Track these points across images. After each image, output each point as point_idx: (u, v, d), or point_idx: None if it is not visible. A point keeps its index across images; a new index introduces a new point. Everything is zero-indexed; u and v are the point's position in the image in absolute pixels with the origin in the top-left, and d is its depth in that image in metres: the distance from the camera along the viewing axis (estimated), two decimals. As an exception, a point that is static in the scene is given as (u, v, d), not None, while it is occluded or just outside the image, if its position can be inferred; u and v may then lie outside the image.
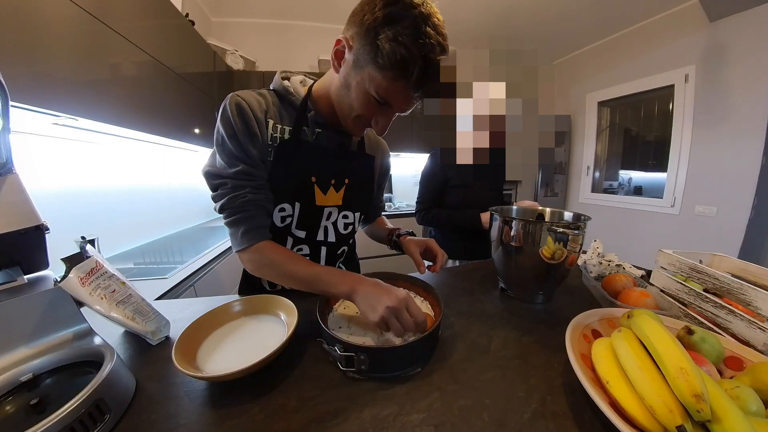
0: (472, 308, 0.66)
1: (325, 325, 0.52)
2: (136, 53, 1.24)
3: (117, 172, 1.57)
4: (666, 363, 0.38)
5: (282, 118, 0.62)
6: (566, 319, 0.59)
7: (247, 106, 0.57)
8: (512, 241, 0.64)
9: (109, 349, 0.47)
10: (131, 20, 1.21)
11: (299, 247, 0.70)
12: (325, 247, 0.72)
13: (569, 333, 0.46)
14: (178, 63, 1.54)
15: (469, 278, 0.84)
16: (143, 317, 0.56)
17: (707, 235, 2.25)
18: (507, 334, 0.55)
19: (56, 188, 1.24)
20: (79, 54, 0.98)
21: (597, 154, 3.03)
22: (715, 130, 2.19)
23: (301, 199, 0.65)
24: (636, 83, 2.61)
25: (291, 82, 0.64)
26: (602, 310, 0.54)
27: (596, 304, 0.67)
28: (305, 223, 0.68)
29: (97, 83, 1.05)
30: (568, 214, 0.73)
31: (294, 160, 0.62)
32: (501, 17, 2.59)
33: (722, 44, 2.14)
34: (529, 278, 0.68)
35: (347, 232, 0.75)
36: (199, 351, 0.50)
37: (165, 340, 0.58)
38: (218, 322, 0.57)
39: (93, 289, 0.50)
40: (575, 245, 0.59)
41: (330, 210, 0.70)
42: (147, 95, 1.33)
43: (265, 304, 0.61)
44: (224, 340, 0.53)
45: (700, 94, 2.26)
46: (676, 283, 0.67)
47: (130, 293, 0.54)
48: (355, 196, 0.73)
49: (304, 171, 0.64)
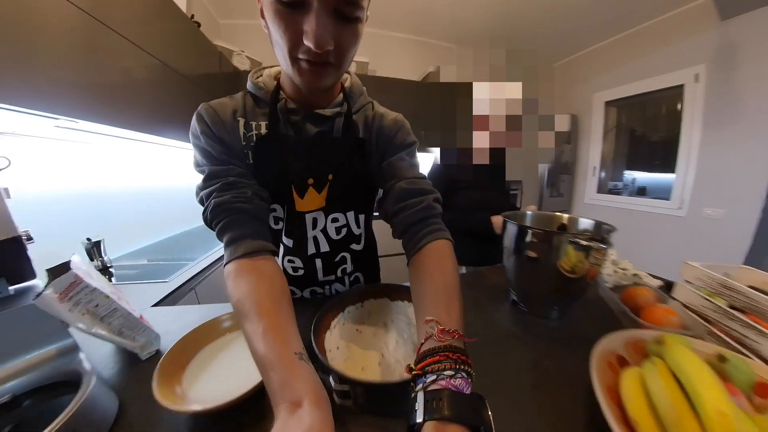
0: (482, 324, 0.60)
1: (321, 346, 0.47)
2: (141, 56, 1.19)
3: (126, 174, 1.56)
4: (705, 404, 0.32)
5: (257, 116, 0.54)
6: (585, 338, 0.52)
7: (212, 112, 0.51)
8: (528, 251, 0.58)
9: (88, 371, 0.43)
10: (138, 24, 1.17)
11: (291, 258, 0.62)
12: (320, 259, 0.63)
13: (595, 363, 0.40)
14: (183, 65, 1.49)
15: (478, 287, 0.78)
16: (131, 331, 0.52)
17: (715, 238, 2.15)
18: (521, 358, 0.48)
19: (67, 190, 1.23)
20: (80, 57, 0.93)
21: (603, 154, 2.93)
22: (725, 130, 2.09)
23: (283, 202, 0.57)
24: (644, 83, 2.50)
25: (263, 77, 0.56)
26: (628, 332, 0.47)
27: (614, 319, 0.60)
28: (292, 231, 0.59)
29: (102, 86, 1.01)
30: (587, 221, 0.66)
31: (268, 157, 0.53)
32: (506, 16, 2.49)
33: (734, 43, 2.02)
34: (545, 292, 0.61)
35: (341, 237, 0.62)
36: (185, 373, 0.45)
37: (155, 354, 0.53)
38: (206, 339, 0.52)
39: (73, 305, 0.45)
40: (599, 258, 0.53)
41: (314, 216, 0.58)
42: (153, 98, 1.28)
43: None
44: (212, 362, 0.48)
45: (710, 94, 2.15)
46: (701, 299, 0.61)
47: (115, 307, 0.49)
48: (342, 193, 0.59)
49: (281, 172, 0.54)
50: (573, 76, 3.12)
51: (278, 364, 0.32)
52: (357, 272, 0.71)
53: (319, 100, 0.55)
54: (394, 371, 0.43)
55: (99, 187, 1.42)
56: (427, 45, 3.02)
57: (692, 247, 2.24)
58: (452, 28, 2.76)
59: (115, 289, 0.57)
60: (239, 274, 0.42)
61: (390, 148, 0.60)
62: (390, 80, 2.57)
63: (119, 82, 1.10)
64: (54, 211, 1.19)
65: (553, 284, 0.58)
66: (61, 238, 1.18)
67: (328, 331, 0.51)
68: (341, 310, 0.57)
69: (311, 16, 0.37)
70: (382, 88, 2.55)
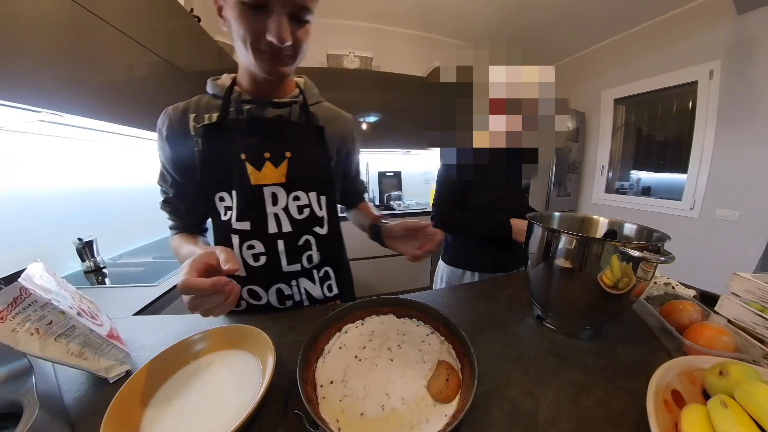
0: (505, 347, 0.50)
1: (312, 380, 0.38)
2: (138, 51, 1.13)
3: (127, 171, 1.53)
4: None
5: (210, 109, 0.60)
6: (627, 365, 0.45)
7: (169, 112, 0.59)
8: (561, 260, 0.48)
9: (31, 403, 0.35)
10: (134, 17, 1.10)
11: (250, 243, 0.59)
12: (282, 240, 0.60)
13: (651, 404, 0.31)
14: (183, 61, 1.41)
15: (496, 299, 0.68)
16: (94, 351, 0.44)
17: (727, 240, 2.04)
18: (558, 394, 0.39)
19: (65, 188, 1.20)
20: (73, 50, 0.87)
21: (612, 153, 2.81)
22: (740, 129, 1.97)
23: (235, 184, 0.57)
24: (656, 79, 2.38)
25: (221, 79, 0.63)
26: (682, 361, 0.39)
27: (654, 339, 0.52)
28: (247, 213, 0.58)
29: (96, 82, 0.95)
30: (630, 226, 0.56)
31: (219, 140, 0.57)
32: (514, 10, 2.39)
33: (751, 38, 1.90)
34: (579, 309, 0.52)
35: (303, 216, 0.61)
36: (146, 414, 0.37)
37: (125, 376, 0.45)
38: (173, 367, 0.44)
39: (19, 324, 0.37)
40: (647, 272, 0.43)
41: (273, 190, 0.58)
42: (152, 94, 1.22)
43: (234, 337, 0.49)
44: (179, 396, 0.40)
45: (725, 91, 2.03)
46: (753, 314, 0.52)
47: (73, 324, 0.41)
48: (303, 173, 0.61)
49: (232, 151, 0.56)
50: (581, 73, 2.99)
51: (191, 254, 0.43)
52: (325, 266, 0.68)
53: (274, 91, 0.61)
54: (401, 419, 0.34)
55: (99, 185, 1.38)
56: (433, 41, 2.92)
57: (704, 249, 2.13)
58: (458, 24, 2.66)
59: (84, 301, 0.50)
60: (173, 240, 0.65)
61: (341, 143, 0.71)
62: (394, 75, 2.48)
63: (115, 78, 1.04)
64: (53, 208, 1.14)
65: (590, 300, 0.48)
66: (61, 237, 1.14)
67: (320, 359, 0.43)
68: (338, 330, 0.48)
69: (273, 17, 0.45)
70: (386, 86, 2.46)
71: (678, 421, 0.32)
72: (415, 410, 0.35)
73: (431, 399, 0.37)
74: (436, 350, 0.44)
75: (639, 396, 0.35)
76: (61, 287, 0.46)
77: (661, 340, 0.51)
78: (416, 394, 0.37)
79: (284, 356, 0.47)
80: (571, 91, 3.08)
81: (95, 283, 1.09)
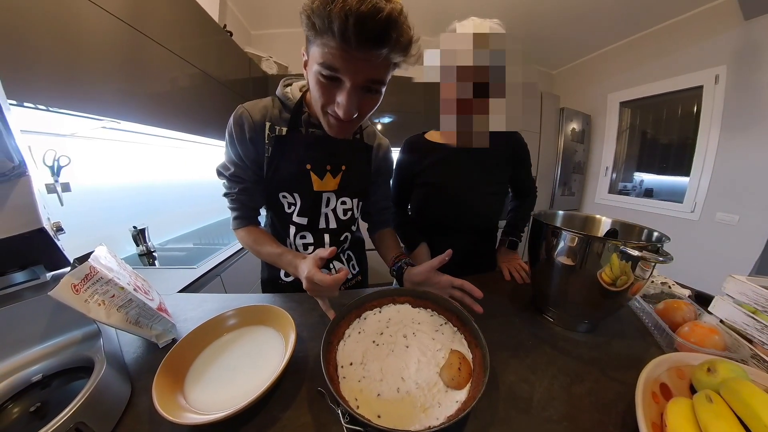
0: (504, 336, 0.50)
1: (333, 361, 0.40)
2: (181, 65, 1.19)
3: (174, 169, 1.63)
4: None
5: (282, 120, 0.61)
6: (619, 358, 0.44)
7: (248, 114, 0.58)
8: (563, 256, 0.47)
9: (100, 359, 0.38)
10: (176, 35, 1.15)
11: (302, 234, 0.66)
12: (328, 234, 0.68)
13: (640, 395, 0.31)
14: (218, 72, 1.47)
15: (500, 291, 0.67)
16: (148, 320, 0.48)
17: (726, 243, 1.91)
18: (552, 381, 0.39)
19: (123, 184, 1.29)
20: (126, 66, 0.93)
21: (616, 155, 2.67)
22: (743, 134, 1.83)
23: (299, 189, 0.63)
24: (662, 83, 2.23)
25: (291, 89, 0.62)
26: (673, 357, 0.38)
27: (647, 335, 0.50)
28: (306, 211, 0.65)
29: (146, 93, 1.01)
30: (630, 226, 0.54)
31: (289, 151, 0.60)
32: (523, 15, 2.27)
33: (757, 44, 1.74)
34: (577, 303, 0.50)
35: (347, 218, 0.69)
36: (187, 376, 0.41)
37: (171, 343, 0.49)
38: (211, 336, 0.47)
39: (90, 296, 0.40)
40: (646, 271, 0.42)
41: (328, 196, 0.65)
42: (191, 101, 1.28)
43: (261, 316, 0.51)
44: (214, 363, 0.43)
45: (730, 96, 1.88)
46: (744, 316, 0.49)
47: (131, 298, 0.44)
48: (352, 182, 0.67)
49: (299, 161, 0.61)
50: (588, 76, 2.84)
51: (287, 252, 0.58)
52: (349, 250, 0.77)
53: None
54: (415, 401, 0.35)
55: (150, 181, 1.46)
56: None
57: (703, 251, 2.02)
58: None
59: (139, 278, 0.53)
60: (250, 232, 0.66)
61: (379, 164, 0.74)
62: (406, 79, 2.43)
63: (162, 89, 1.09)
64: (113, 201, 1.23)
65: (589, 296, 0.47)
66: (119, 225, 1.24)
67: (341, 342, 0.43)
68: (358, 316, 0.49)
69: (344, 92, 0.43)
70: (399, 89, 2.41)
71: (663, 412, 0.31)
72: (428, 394, 0.35)
73: (443, 385, 0.37)
74: (449, 339, 0.44)
75: (629, 387, 0.35)
76: (121, 267, 0.49)
77: (654, 337, 0.49)
78: (429, 380, 0.37)
79: (304, 334, 0.49)
80: (578, 94, 2.93)
81: (147, 264, 1.16)
